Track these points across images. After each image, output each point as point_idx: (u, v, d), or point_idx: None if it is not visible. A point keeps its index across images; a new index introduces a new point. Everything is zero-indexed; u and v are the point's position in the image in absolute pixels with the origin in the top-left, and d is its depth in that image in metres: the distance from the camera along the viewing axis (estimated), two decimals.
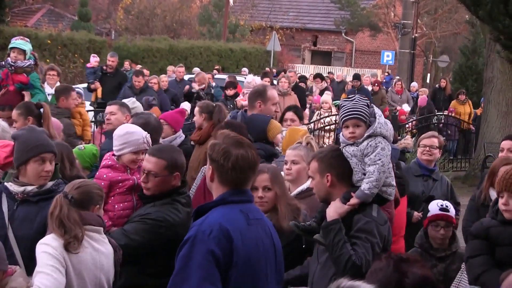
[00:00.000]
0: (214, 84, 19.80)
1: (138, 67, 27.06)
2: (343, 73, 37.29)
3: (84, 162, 7.47)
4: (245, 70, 30.81)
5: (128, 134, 6.47)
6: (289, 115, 9.13)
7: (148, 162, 5.85)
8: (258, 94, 8.40)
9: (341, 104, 5.61)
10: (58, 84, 14.05)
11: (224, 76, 22.10)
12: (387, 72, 38.91)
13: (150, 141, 6.57)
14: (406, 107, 23.59)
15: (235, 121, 8.20)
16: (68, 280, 4.81)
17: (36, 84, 10.35)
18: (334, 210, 5.23)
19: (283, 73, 20.53)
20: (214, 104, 9.66)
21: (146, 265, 5.63)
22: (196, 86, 18.05)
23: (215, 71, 27.36)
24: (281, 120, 9.11)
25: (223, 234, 4.27)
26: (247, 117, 8.34)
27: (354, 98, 5.50)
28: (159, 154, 5.83)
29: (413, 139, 12.78)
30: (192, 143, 9.32)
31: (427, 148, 8.94)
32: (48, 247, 4.79)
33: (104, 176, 6.27)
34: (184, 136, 9.19)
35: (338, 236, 5.09)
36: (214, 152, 4.44)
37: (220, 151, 4.42)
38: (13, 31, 30.08)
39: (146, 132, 6.62)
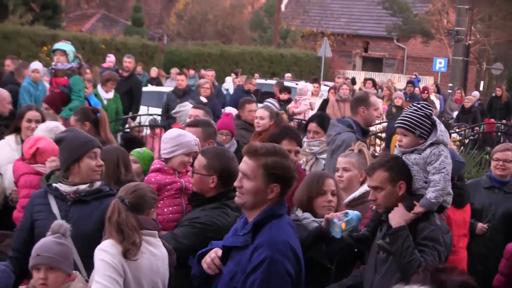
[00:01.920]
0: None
1: (191, 72, 27.23)
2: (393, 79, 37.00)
3: (144, 165, 7.54)
4: (288, 75, 30.72)
5: (181, 136, 6.53)
6: (313, 126, 8.84)
7: (197, 159, 5.93)
8: (362, 100, 8.41)
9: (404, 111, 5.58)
10: (113, 90, 14.23)
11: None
12: (415, 75, 38.47)
13: (199, 145, 6.61)
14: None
15: (290, 126, 8.21)
16: (126, 287, 4.80)
17: (74, 88, 10.29)
18: (399, 216, 5.17)
19: (343, 79, 20.47)
20: (276, 111, 9.74)
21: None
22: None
23: (233, 75, 27.12)
24: (305, 130, 9.00)
25: (293, 253, 4.29)
26: None
27: (417, 105, 5.44)
28: (204, 152, 5.89)
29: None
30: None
31: (501, 162, 8.46)
32: (107, 255, 4.74)
33: (152, 179, 6.31)
34: (236, 143, 9.13)
35: (407, 242, 5.04)
36: (282, 169, 4.43)
37: (288, 167, 4.44)
38: (68, 35, 30.47)
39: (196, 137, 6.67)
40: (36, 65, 14.01)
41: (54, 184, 5.59)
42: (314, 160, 8.52)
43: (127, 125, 14.54)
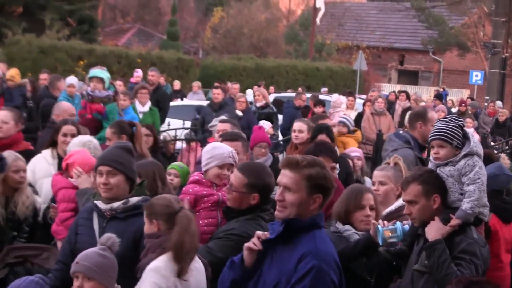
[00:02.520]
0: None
1: (229, 84, 27.35)
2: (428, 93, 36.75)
3: (182, 179, 7.61)
4: (324, 89, 30.76)
5: (215, 149, 6.58)
6: (322, 138, 8.84)
7: (233, 174, 5.88)
8: (419, 116, 8.36)
9: (434, 124, 5.55)
10: (149, 103, 14.29)
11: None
12: (443, 88, 38.14)
13: (236, 157, 6.63)
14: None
15: (326, 141, 8.20)
16: None
17: (110, 116, 10.42)
18: (436, 230, 5.14)
19: (377, 92, 20.40)
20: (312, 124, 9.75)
21: None
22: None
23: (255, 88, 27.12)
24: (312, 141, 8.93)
25: (336, 264, 4.36)
26: None
27: (447, 118, 5.43)
28: (243, 170, 5.81)
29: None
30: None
31: None
32: (160, 278, 4.77)
33: (190, 190, 6.37)
34: (272, 157, 9.12)
35: (443, 256, 5.00)
36: (324, 179, 4.47)
37: (329, 177, 4.49)
38: (105, 50, 30.76)
39: (232, 148, 6.67)
40: (71, 79, 14.14)
41: (95, 201, 5.64)
42: None
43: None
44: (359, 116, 18.14)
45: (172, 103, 22.07)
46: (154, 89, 16.27)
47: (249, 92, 25.24)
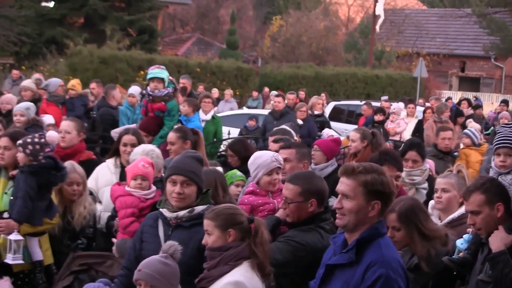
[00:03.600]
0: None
1: (255, 94, 27.54)
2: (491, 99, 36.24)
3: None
4: (385, 97, 30.51)
5: (257, 158, 6.65)
6: (412, 155, 8.42)
7: (285, 188, 5.88)
8: None
9: (497, 130, 5.46)
10: (212, 112, 14.37)
11: None
12: (475, 97, 37.44)
13: (280, 159, 6.68)
14: None
15: (390, 149, 8.11)
16: None
17: (171, 113, 10.52)
18: (500, 240, 5.07)
19: (437, 101, 20.26)
20: (371, 131, 9.69)
21: (282, 286, 5.61)
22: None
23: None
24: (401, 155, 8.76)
25: (403, 271, 4.36)
26: None
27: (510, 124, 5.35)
28: (294, 181, 5.83)
29: None
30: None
31: None
32: None
33: (246, 200, 6.46)
34: (336, 165, 9.10)
35: (507, 268, 4.94)
36: (381, 185, 4.45)
37: (387, 182, 4.46)
38: (164, 59, 31.02)
39: (274, 152, 6.71)
40: (133, 89, 14.29)
41: (160, 209, 5.68)
42: (414, 191, 8.16)
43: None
44: (419, 124, 18.02)
45: (231, 112, 22.20)
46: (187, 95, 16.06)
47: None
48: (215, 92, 27.22)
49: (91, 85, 16.54)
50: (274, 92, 26.67)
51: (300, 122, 15.29)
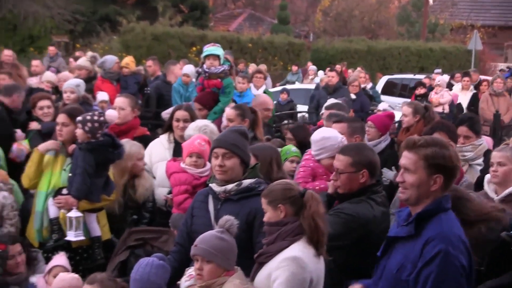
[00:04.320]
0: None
1: (294, 68, 27.33)
2: None
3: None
4: (438, 70, 30.17)
5: (324, 139, 6.67)
6: (463, 130, 8.25)
7: (336, 159, 5.89)
8: None
9: None
10: (264, 86, 14.36)
11: None
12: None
13: (345, 142, 6.71)
14: None
15: (445, 121, 8.02)
16: None
17: (226, 89, 10.59)
18: None
19: (498, 72, 19.94)
20: (424, 105, 9.63)
21: (336, 259, 5.62)
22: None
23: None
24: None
25: (465, 247, 4.29)
26: None
27: None
28: (345, 151, 5.86)
29: None
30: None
31: None
32: (297, 268, 4.78)
33: (311, 164, 6.64)
34: (389, 139, 9.07)
35: None
36: (443, 159, 4.40)
37: (449, 156, 4.40)
38: (216, 35, 31.08)
39: (342, 136, 6.67)
40: (188, 69, 14.33)
41: (210, 184, 5.72)
42: (467, 168, 8.06)
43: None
44: (474, 97, 17.80)
45: (289, 86, 22.15)
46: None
47: (320, 73, 25.13)
48: (252, 67, 27.14)
49: (147, 63, 16.64)
50: (313, 67, 26.57)
51: (353, 96, 15.23)
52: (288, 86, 21.92)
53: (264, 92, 14.20)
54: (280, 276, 4.77)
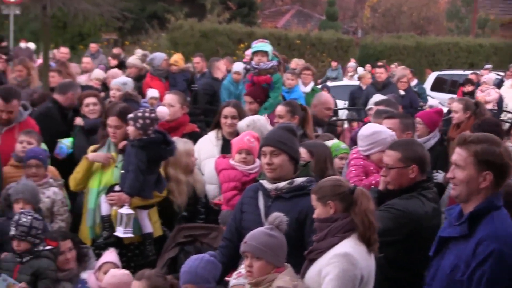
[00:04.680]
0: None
1: (334, 64, 27.16)
2: None
3: None
4: (488, 66, 29.82)
5: (376, 133, 6.64)
6: None
7: (385, 155, 5.86)
8: None
9: None
10: (312, 83, 14.34)
11: None
12: None
13: (395, 137, 6.69)
14: None
15: (491, 118, 7.93)
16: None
17: (276, 85, 10.62)
18: None
19: None
20: (474, 101, 9.56)
21: (386, 255, 5.57)
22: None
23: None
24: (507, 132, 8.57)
25: None
26: None
27: None
28: (394, 147, 5.83)
29: None
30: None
31: None
32: (347, 265, 4.76)
33: (361, 162, 6.64)
34: (439, 135, 8.99)
35: None
36: (493, 156, 4.33)
37: (500, 153, 4.33)
38: (264, 32, 31.09)
39: (391, 131, 6.65)
40: (239, 66, 14.36)
41: (260, 181, 5.72)
42: None
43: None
44: None
45: (333, 84, 22.07)
46: None
47: (359, 70, 25.00)
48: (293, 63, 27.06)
49: (194, 60, 16.72)
50: (352, 64, 26.40)
51: (401, 92, 15.16)
52: (330, 84, 21.87)
53: (313, 89, 14.20)
54: (331, 272, 4.74)
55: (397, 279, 5.54)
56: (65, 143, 8.87)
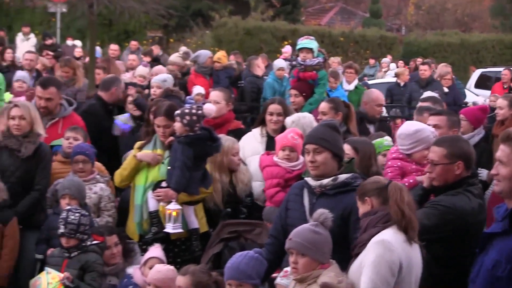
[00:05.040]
0: None
1: (372, 61, 26.99)
2: None
3: None
4: None
5: (418, 132, 6.63)
6: None
7: (431, 151, 5.82)
8: None
9: None
10: (355, 82, 14.32)
11: None
12: None
13: (436, 134, 6.65)
14: None
15: None
16: (397, 281, 4.79)
17: (321, 81, 10.64)
18: None
19: None
20: None
21: (434, 252, 5.50)
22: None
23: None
24: None
25: None
26: None
27: None
28: (439, 143, 5.78)
29: None
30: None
31: None
32: (386, 252, 4.76)
33: (398, 164, 6.56)
34: (484, 132, 8.92)
35: None
36: None
37: None
38: (308, 30, 31.02)
39: (432, 128, 6.70)
40: (282, 63, 14.39)
41: (305, 178, 5.72)
42: None
43: None
44: None
45: (373, 81, 21.95)
46: None
47: (392, 66, 24.79)
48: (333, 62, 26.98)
49: (230, 58, 16.76)
50: (386, 59, 26.20)
51: (445, 90, 15.07)
52: (370, 81, 21.75)
53: (356, 87, 14.19)
54: (368, 259, 4.78)
55: (444, 275, 5.49)
56: (121, 119, 8.95)
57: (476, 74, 26.04)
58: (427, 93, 10.47)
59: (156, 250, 6.68)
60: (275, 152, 7.12)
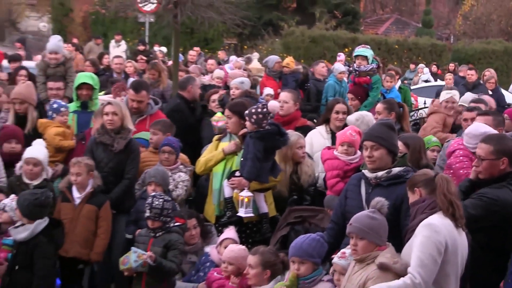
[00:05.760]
0: None
1: (412, 66, 26.53)
2: None
3: None
4: None
5: (485, 134, 6.52)
6: None
7: (479, 147, 5.80)
8: None
9: None
10: (399, 82, 14.32)
11: None
12: None
13: None
14: None
15: None
16: (444, 261, 4.75)
17: (374, 85, 10.65)
18: None
19: None
20: None
21: (479, 240, 5.45)
22: None
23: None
24: None
25: None
26: None
27: None
28: (486, 140, 5.75)
29: None
30: None
31: None
32: (432, 233, 4.74)
33: (461, 152, 6.73)
34: None
35: None
36: None
37: None
38: (366, 38, 30.82)
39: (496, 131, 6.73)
40: (340, 67, 14.42)
41: (363, 170, 5.72)
42: None
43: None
44: None
45: (415, 86, 21.70)
46: None
47: (425, 71, 24.35)
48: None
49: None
50: (421, 65, 25.77)
51: (490, 92, 14.93)
52: (413, 87, 21.49)
53: (400, 87, 14.42)
54: (417, 240, 4.76)
55: (489, 262, 5.45)
56: (214, 118, 8.99)
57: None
58: (468, 94, 10.41)
59: (230, 232, 6.74)
60: (335, 147, 7.14)
